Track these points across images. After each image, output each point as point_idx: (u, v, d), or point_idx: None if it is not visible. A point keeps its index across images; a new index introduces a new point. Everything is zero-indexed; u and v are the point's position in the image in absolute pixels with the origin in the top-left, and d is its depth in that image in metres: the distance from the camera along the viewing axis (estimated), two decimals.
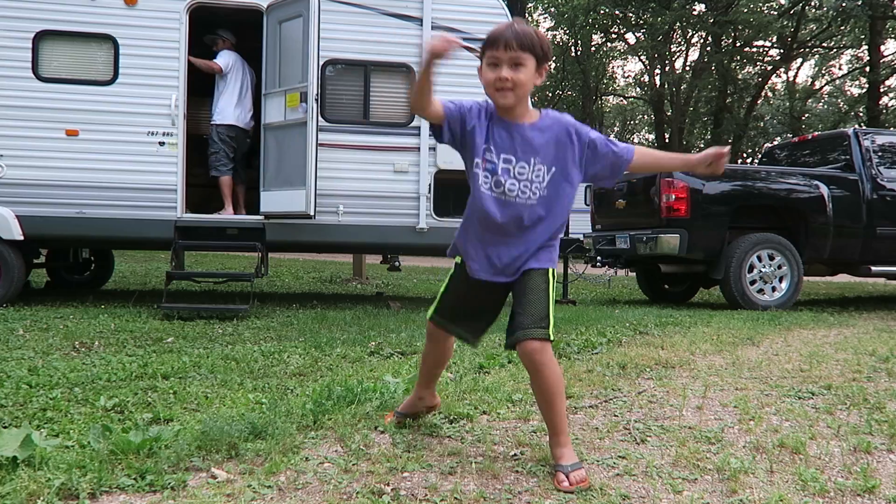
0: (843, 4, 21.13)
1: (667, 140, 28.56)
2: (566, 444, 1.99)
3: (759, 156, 13.60)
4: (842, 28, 24.26)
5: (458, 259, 2.15)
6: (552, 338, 1.97)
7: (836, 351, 4.30)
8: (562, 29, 30.01)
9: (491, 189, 1.99)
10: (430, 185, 6.29)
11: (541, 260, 2.03)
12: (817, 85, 33.41)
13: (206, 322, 5.28)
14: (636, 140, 39.57)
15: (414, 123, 6.33)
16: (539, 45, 1.92)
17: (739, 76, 27.74)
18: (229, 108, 6.69)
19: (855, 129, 7.81)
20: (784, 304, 6.95)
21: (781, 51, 26.31)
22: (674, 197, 6.81)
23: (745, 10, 23.54)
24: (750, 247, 6.89)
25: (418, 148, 6.31)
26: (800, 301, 7.87)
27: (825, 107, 34.00)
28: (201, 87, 6.90)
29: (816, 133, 9.94)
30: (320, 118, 5.97)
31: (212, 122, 6.73)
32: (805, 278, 7.49)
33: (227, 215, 6.60)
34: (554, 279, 2.05)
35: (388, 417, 2.40)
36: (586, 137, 2.03)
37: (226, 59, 6.65)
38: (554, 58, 32.69)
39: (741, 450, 2.24)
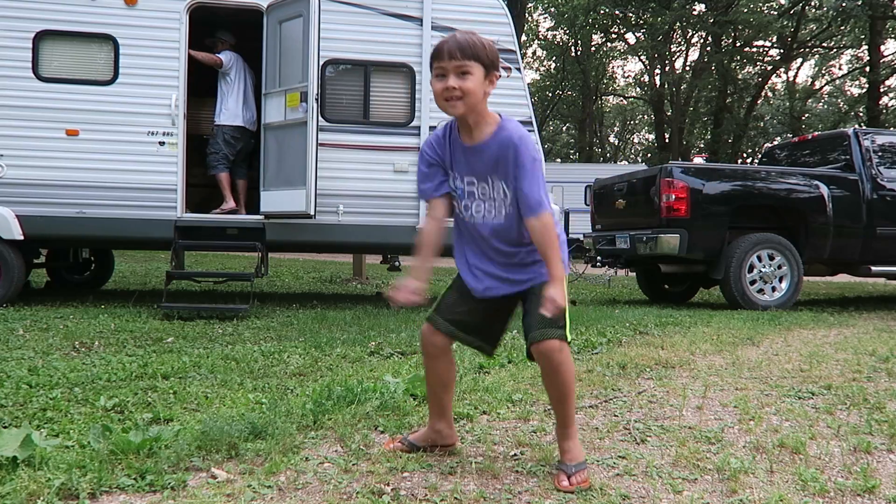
0: (843, 4, 21.14)
1: (667, 140, 28.57)
2: (573, 436, 1.99)
3: (759, 156, 13.60)
4: (842, 28, 24.30)
5: None
6: (569, 338, 1.94)
7: (836, 351, 4.30)
8: (562, 29, 30.06)
9: (462, 213, 2.02)
10: None
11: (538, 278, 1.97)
12: (817, 85, 33.44)
13: (206, 322, 5.29)
14: (636, 140, 39.56)
15: (414, 123, 6.33)
16: (484, 52, 1.89)
17: (739, 76, 27.77)
18: (237, 109, 6.73)
19: (855, 129, 7.81)
20: (784, 304, 6.95)
21: (781, 51, 26.34)
22: (674, 197, 6.81)
23: (745, 10, 23.58)
24: (750, 247, 6.89)
25: (418, 148, 6.30)
26: (800, 301, 7.87)
27: (825, 107, 34.03)
28: (201, 87, 6.90)
29: (816, 133, 9.94)
30: (320, 118, 5.98)
31: (217, 123, 6.74)
32: (805, 278, 7.49)
33: (229, 207, 6.64)
34: (565, 282, 1.96)
35: (390, 444, 2.17)
36: (519, 160, 1.90)
37: (227, 56, 6.67)
38: (553, 57, 32.74)
39: (741, 450, 2.24)
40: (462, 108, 1.88)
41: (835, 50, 29.07)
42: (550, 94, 34.07)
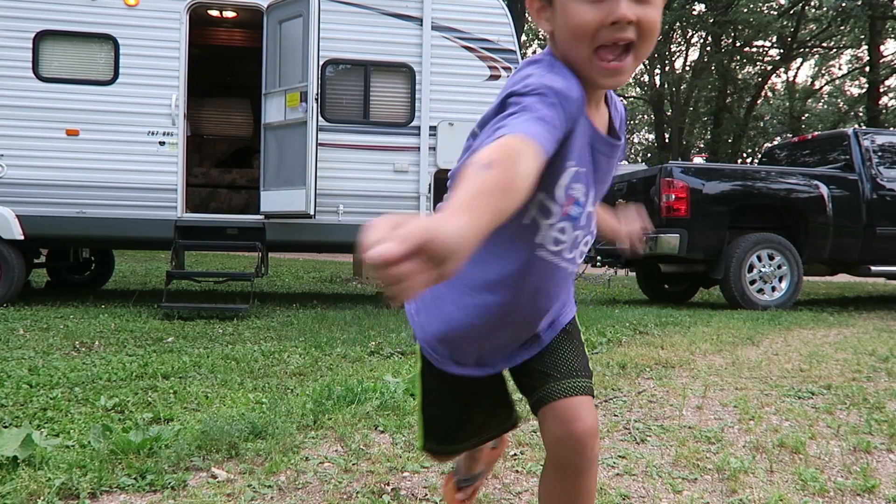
0: (843, 4, 21.14)
1: (667, 140, 28.58)
2: None
3: (759, 156, 13.60)
4: (842, 28, 24.28)
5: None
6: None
7: (836, 351, 4.30)
8: None
9: (561, 249, 1.08)
10: (430, 184, 6.29)
11: (571, 307, 1.26)
12: (817, 85, 33.43)
13: (206, 322, 5.29)
14: (636, 140, 39.52)
15: (414, 123, 6.33)
16: None
17: (739, 76, 27.75)
18: None
19: (855, 129, 7.81)
20: (784, 304, 6.95)
21: (781, 51, 26.33)
22: (674, 197, 6.81)
23: (745, 10, 23.56)
24: (750, 247, 6.89)
25: (418, 147, 6.31)
26: (800, 301, 7.87)
27: (825, 107, 34.01)
28: (201, 87, 6.91)
29: (816, 133, 9.94)
30: (320, 118, 5.98)
31: None
32: (805, 278, 7.49)
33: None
34: None
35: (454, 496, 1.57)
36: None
37: None
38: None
39: (741, 450, 2.24)
40: (630, 70, 0.99)
41: (835, 50, 29.06)
42: None
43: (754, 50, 27.20)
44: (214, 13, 7.30)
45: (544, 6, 1.04)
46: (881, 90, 23.89)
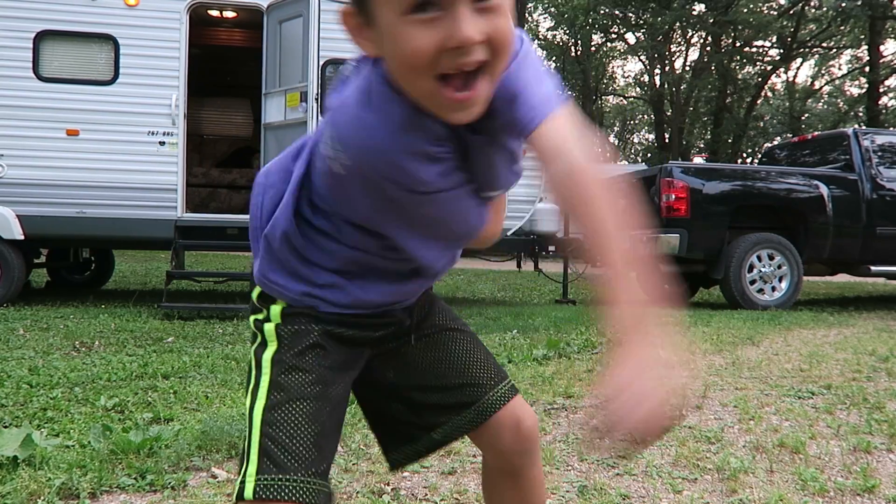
0: (843, 4, 21.16)
1: (667, 140, 28.59)
2: None
3: (759, 156, 13.60)
4: (841, 28, 24.30)
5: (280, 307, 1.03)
6: None
7: (836, 351, 4.30)
8: (562, 29, 30.07)
9: None
10: None
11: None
12: (817, 85, 33.44)
13: (206, 322, 5.29)
14: (636, 140, 39.54)
15: None
16: None
17: (739, 76, 27.77)
18: None
19: (854, 129, 7.81)
20: (784, 304, 6.94)
21: (781, 51, 26.35)
22: (674, 197, 6.81)
23: (745, 10, 23.58)
24: (750, 247, 6.89)
25: None
26: (800, 301, 7.87)
27: (825, 107, 34.03)
28: (201, 87, 6.90)
29: (816, 133, 9.95)
30: (320, 118, 5.97)
31: None
32: (805, 278, 7.49)
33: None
34: None
35: None
36: None
37: None
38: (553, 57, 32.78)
39: (741, 450, 2.24)
40: (487, 94, 0.81)
41: (835, 50, 29.08)
42: None
43: (754, 50, 27.22)
44: (214, 13, 7.30)
45: (362, 24, 0.83)
46: (881, 90, 23.92)
